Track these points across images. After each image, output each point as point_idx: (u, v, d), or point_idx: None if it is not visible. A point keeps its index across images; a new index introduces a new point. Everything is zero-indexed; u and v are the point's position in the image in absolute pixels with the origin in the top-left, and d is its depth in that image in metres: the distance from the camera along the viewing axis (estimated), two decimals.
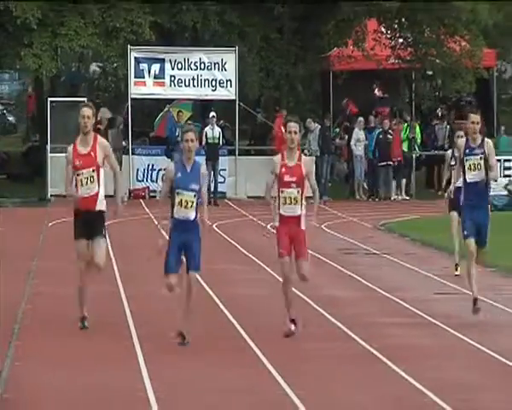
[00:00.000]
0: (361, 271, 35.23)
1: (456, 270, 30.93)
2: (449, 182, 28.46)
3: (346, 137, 73.07)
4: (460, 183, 26.01)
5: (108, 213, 20.89)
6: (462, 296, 27.59)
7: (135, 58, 67.87)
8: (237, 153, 69.14)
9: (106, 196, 21.25)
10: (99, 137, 20.01)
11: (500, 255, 36.11)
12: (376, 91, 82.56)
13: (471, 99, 77.63)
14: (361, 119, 69.23)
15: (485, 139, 20.77)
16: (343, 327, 24.92)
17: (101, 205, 19.99)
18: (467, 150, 20.54)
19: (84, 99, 63.58)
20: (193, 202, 16.58)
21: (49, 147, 65.83)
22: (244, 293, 26.91)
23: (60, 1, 71.95)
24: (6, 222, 49.48)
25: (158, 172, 66.35)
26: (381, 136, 67.62)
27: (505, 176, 65.76)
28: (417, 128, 70.73)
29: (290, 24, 74.30)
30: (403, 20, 75.99)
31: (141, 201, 64.49)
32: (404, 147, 69.38)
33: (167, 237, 17.95)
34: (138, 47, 68.87)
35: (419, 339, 22.61)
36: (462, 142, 21.04)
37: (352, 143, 68.64)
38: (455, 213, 29.23)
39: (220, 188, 67.20)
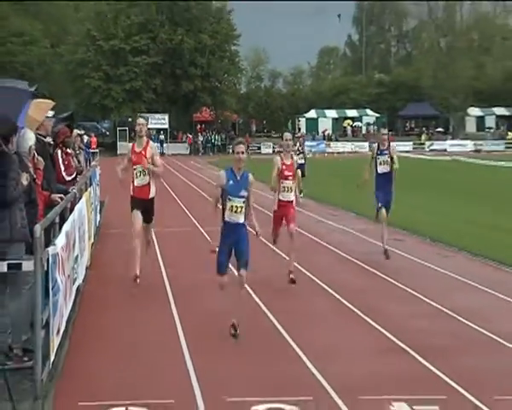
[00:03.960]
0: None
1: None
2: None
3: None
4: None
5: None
6: None
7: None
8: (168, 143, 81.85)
9: None
10: (150, 141, 14.22)
11: None
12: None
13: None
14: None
15: (391, 144, 17.50)
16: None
17: (152, 193, 14.12)
18: (378, 151, 17.01)
19: (126, 128, 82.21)
20: (242, 208, 11.05)
21: (117, 141, 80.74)
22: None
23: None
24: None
25: None
26: None
27: None
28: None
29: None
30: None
31: None
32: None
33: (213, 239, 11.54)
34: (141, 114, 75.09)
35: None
36: (374, 146, 17.33)
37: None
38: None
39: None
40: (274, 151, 79.40)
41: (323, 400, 8.05)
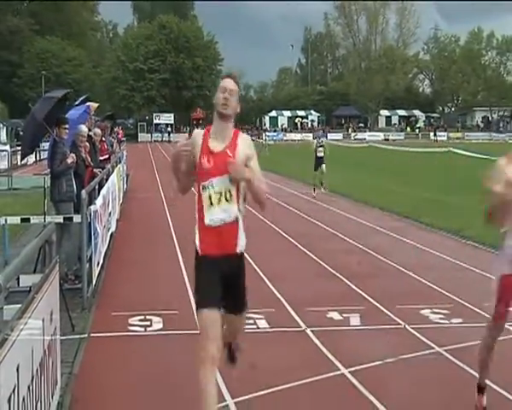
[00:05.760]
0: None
1: (314, 191, 20.18)
2: None
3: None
4: None
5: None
6: None
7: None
8: None
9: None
10: (240, 132, 3.97)
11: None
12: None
13: None
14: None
15: None
16: None
17: (242, 241, 3.95)
18: None
19: (145, 123, 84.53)
20: None
21: (138, 133, 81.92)
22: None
23: None
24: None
25: None
26: None
27: None
28: None
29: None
30: None
31: None
32: None
33: None
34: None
35: None
36: None
37: None
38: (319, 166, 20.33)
39: None
40: None
41: (281, 310, 7.99)
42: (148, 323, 7.46)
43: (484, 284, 9.19)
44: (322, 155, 21.15)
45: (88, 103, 12.64)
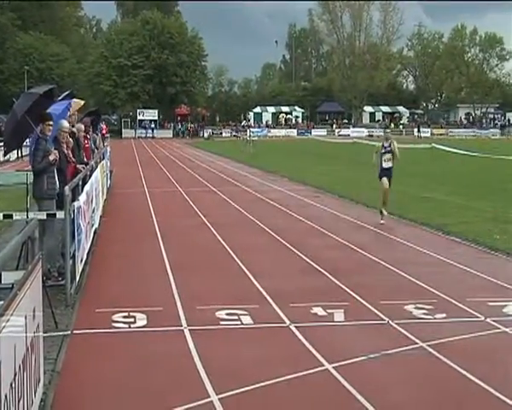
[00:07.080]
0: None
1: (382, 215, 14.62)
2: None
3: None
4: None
5: None
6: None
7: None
8: None
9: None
10: None
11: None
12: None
13: None
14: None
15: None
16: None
17: None
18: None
19: (128, 119, 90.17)
20: None
21: (122, 129, 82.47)
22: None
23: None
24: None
25: None
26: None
27: None
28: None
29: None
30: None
31: None
32: None
33: None
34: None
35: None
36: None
37: None
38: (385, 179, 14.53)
39: None
40: (231, 134, 79.15)
41: (265, 307, 7.93)
42: (132, 320, 7.40)
43: (467, 280, 9.30)
44: (390, 165, 14.87)
45: (73, 100, 12.50)
